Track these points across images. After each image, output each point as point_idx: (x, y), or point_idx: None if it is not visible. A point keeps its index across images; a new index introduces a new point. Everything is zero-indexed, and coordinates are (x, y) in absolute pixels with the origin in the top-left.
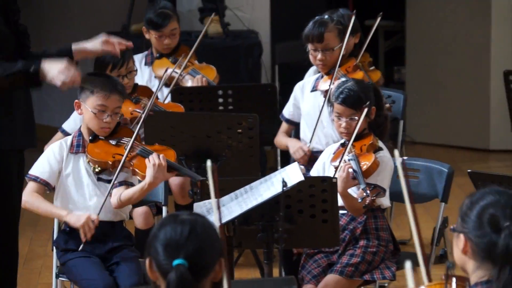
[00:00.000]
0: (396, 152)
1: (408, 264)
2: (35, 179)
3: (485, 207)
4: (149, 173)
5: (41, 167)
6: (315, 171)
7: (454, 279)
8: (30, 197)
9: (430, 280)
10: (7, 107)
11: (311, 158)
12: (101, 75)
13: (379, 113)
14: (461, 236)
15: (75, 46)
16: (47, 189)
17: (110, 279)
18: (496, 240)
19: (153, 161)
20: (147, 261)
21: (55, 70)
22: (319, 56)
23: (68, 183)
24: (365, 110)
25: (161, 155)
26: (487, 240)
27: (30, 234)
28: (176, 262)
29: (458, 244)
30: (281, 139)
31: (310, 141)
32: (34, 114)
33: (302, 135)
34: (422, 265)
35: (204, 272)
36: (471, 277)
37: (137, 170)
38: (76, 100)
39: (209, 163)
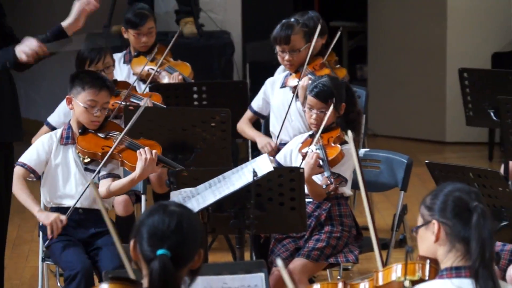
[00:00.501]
0: (350, 133)
1: (279, 262)
2: (23, 165)
3: (450, 193)
4: (140, 166)
5: (29, 155)
6: (281, 157)
7: (428, 261)
8: (14, 182)
9: (384, 264)
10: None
11: (278, 149)
12: (91, 73)
13: (353, 109)
14: (435, 223)
15: (65, 24)
16: (34, 177)
17: (88, 262)
18: (467, 220)
19: (145, 155)
20: (131, 242)
21: (18, 51)
22: (286, 57)
23: (57, 172)
24: (332, 104)
25: (153, 151)
26: (458, 222)
27: (18, 221)
28: (160, 252)
29: (427, 237)
30: (248, 130)
31: (278, 135)
32: (20, 109)
33: (271, 128)
34: (376, 251)
35: (185, 262)
36: (442, 264)
37: (125, 161)
38: (68, 96)
39: None
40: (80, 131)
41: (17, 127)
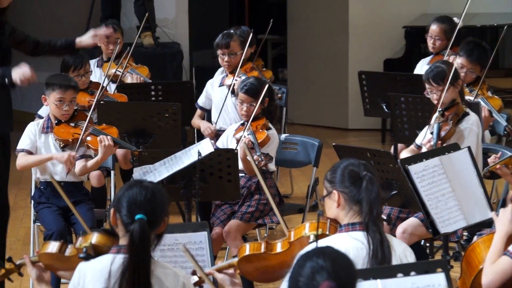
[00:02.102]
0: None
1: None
2: (22, 150)
3: (345, 167)
4: (101, 151)
5: (24, 141)
6: (220, 142)
7: (328, 220)
8: (22, 160)
9: (287, 227)
10: None
11: (218, 134)
12: (59, 75)
13: (272, 103)
14: (335, 193)
15: (78, 40)
16: None
17: (63, 224)
18: (360, 186)
19: (104, 142)
20: (112, 211)
21: (14, 74)
22: (226, 58)
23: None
24: (259, 100)
25: (108, 137)
26: (353, 188)
27: (15, 191)
28: (138, 216)
29: (331, 204)
30: (196, 121)
31: (216, 122)
32: (12, 103)
33: (212, 118)
34: (279, 217)
35: (156, 225)
36: (342, 222)
37: (90, 145)
38: (43, 95)
39: None
40: (56, 122)
41: (9, 119)
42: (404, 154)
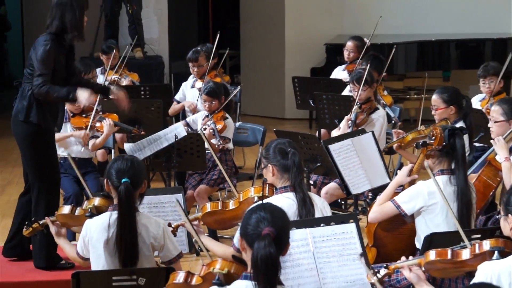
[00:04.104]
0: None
1: None
2: None
3: (275, 146)
4: (105, 129)
5: None
6: (190, 119)
7: (267, 185)
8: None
9: (237, 191)
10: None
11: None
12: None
13: (226, 99)
14: (270, 166)
15: (113, 88)
16: None
17: (78, 189)
18: (287, 159)
19: (108, 123)
20: (105, 181)
21: (82, 97)
22: (195, 69)
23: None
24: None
25: (110, 119)
26: (282, 161)
27: None
28: (124, 180)
29: (268, 174)
30: (175, 107)
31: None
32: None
33: (187, 113)
34: (230, 183)
35: (138, 186)
36: (277, 186)
37: (98, 129)
38: None
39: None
40: (71, 115)
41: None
42: (334, 133)
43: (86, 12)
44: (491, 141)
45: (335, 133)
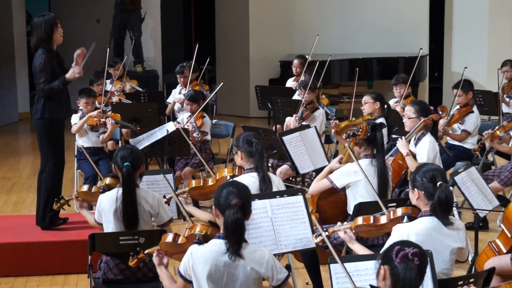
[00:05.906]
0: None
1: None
2: (74, 124)
3: (244, 137)
4: (109, 127)
5: (73, 121)
6: (180, 118)
7: (237, 167)
8: (74, 127)
9: (213, 172)
10: (62, 92)
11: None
12: (85, 89)
13: (205, 103)
14: (239, 152)
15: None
16: None
17: (95, 170)
18: (251, 146)
19: (110, 121)
20: (113, 166)
21: (70, 75)
22: (182, 80)
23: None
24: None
25: (112, 118)
26: (248, 148)
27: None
28: (126, 163)
29: (238, 158)
30: (169, 107)
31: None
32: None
33: (176, 112)
34: (207, 167)
35: (136, 168)
36: (245, 168)
37: (106, 126)
38: (77, 100)
39: None
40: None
41: (70, 108)
42: (287, 121)
43: (58, 27)
44: (397, 142)
45: (287, 121)
